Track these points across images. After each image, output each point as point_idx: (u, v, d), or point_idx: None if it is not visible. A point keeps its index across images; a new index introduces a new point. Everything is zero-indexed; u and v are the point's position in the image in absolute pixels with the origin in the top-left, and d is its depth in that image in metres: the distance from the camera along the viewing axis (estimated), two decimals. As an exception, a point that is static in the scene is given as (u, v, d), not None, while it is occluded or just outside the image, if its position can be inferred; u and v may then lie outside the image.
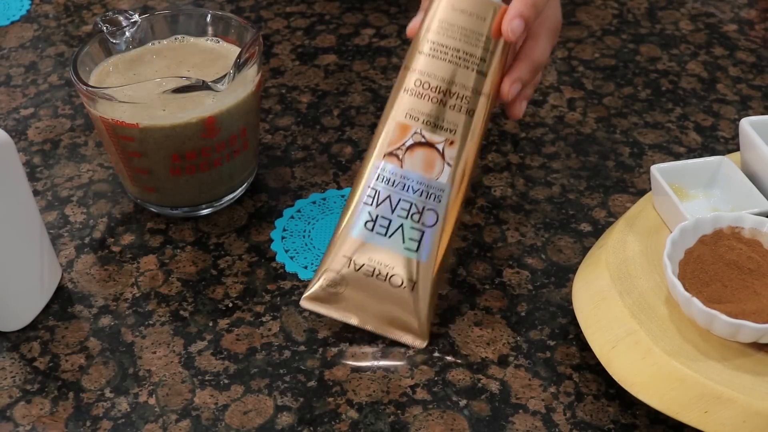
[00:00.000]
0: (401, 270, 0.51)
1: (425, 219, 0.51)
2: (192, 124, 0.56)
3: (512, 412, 0.50)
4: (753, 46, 0.80)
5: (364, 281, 0.52)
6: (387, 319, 0.52)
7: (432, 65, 0.51)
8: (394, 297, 0.52)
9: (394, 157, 0.51)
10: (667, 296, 0.49)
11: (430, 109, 0.51)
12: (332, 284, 0.52)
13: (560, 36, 0.81)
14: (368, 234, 0.51)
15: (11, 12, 0.86)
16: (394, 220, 0.51)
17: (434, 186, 0.51)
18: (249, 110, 0.59)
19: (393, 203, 0.51)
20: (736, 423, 0.44)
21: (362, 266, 0.52)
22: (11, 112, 0.73)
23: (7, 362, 0.53)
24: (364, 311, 0.52)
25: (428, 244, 0.51)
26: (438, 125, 0.51)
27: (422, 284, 0.51)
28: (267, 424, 0.49)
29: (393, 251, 0.51)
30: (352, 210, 0.52)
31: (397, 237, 0.51)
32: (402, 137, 0.51)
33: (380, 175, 0.51)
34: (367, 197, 0.52)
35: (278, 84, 0.75)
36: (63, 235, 0.61)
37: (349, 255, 0.52)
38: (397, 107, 0.51)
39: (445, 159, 0.51)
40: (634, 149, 0.68)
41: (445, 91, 0.51)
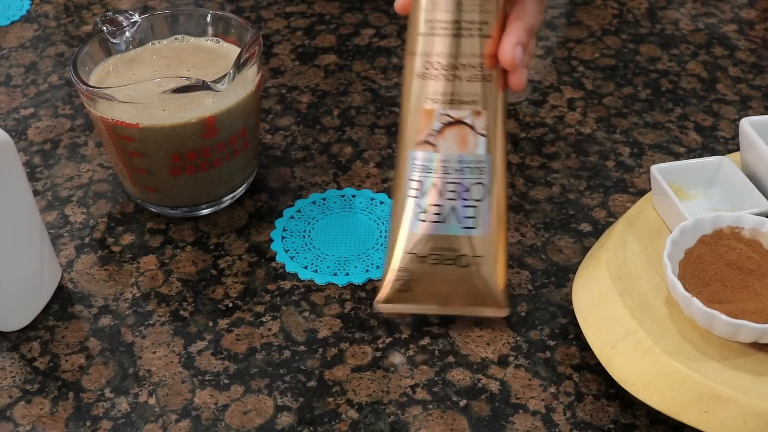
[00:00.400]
0: (465, 249, 0.51)
1: (475, 194, 0.51)
2: (192, 124, 0.56)
3: (512, 412, 0.50)
4: (753, 46, 0.80)
5: (433, 270, 0.51)
6: (464, 299, 0.52)
7: (433, 44, 0.50)
8: (466, 277, 0.51)
9: (426, 144, 0.50)
10: (667, 296, 0.49)
11: (446, 87, 0.50)
12: (402, 282, 0.52)
13: (560, 36, 0.81)
14: (424, 225, 0.51)
15: (11, 12, 0.86)
16: (445, 204, 0.51)
17: (474, 160, 0.50)
18: (249, 110, 0.59)
19: (439, 189, 0.50)
20: (736, 423, 0.44)
21: (427, 257, 0.51)
22: (11, 112, 0.73)
23: (7, 362, 0.53)
24: (440, 298, 0.52)
25: (485, 217, 0.51)
26: (460, 100, 0.50)
27: (489, 256, 0.51)
28: (267, 424, 0.49)
29: (452, 234, 0.51)
30: (401, 206, 0.51)
31: (452, 219, 0.51)
32: (429, 122, 0.50)
33: (418, 165, 0.51)
34: (412, 190, 0.51)
35: (278, 84, 0.75)
36: (63, 235, 0.61)
37: (410, 250, 0.51)
38: (415, 94, 0.51)
39: (477, 130, 0.50)
40: (634, 149, 0.68)
41: (455, 65, 0.50)
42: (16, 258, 0.53)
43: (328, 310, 0.56)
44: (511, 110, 0.72)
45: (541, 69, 0.77)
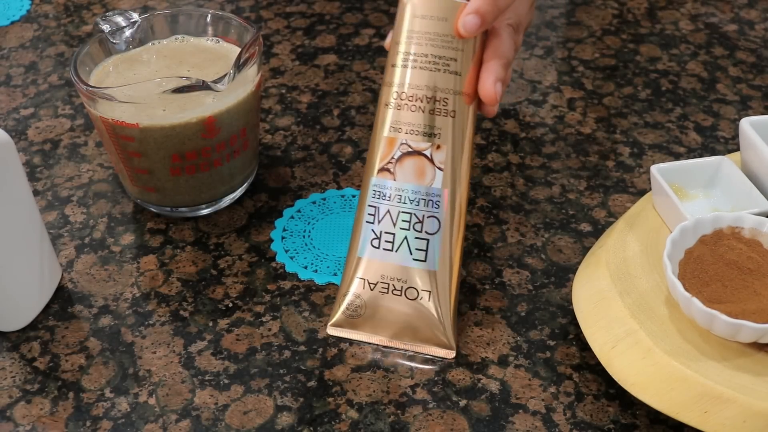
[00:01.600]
0: (415, 282, 0.51)
1: (427, 227, 0.51)
2: (192, 124, 0.56)
3: (512, 412, 0.50)
4: (753, 46, 0.80)
5: (382, 299, 0.52)
6: (412, 333, 0.52)
7: (405, 76, 0.51)
8: (414, 310, 0.51)
9: (386, 171, 0.51)
10: (667, 296, 0.49)
11: (412, 118, 0.51)
12: (352, 308, 0.52)
13: (560, 36, 0.81)
14: (376, 251, 0.51)
15: (11, 12, 0.86)
16: (398, 233, 0.51)
17: (430, 193, 0.51)
18: (249, 110, 0.59)
19: (393, 217, 0.51)
20: (736, 423, 0.44)
21: (376, 284, 0.52)
22: (11, 112, 0.73)
23: (7, 362, 0.53)
24: (388, 329, 0.52)
25: (436, 251, 0.51)
26: (423, 132, 0.51)
27: (439, 292, 0.51)
28: (267, 424, 0.49)
29: (403, 264, 0.51)
30: (358, 230, 0.52)
31: (403, 250, 0.51)
32: (390, 151, 0.51)
33: (376, 192, 0.52)
34: (369, 215, 0.52)
35: (278, 84, 0.75)
36: (63, 235, 0.61)
37: (362, 276, 0.52)
38: (382, 123, 0.52)
39: (435, 164, 0.51)
40: (634, 149, 0.68)
41: (422, 97, 0.51)
42: (16, 258, 0.53)
43: (328, 310, 0.56)
44: (510, 110, 0.72)
45: (541, 69, 0.77)
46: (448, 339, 0.52)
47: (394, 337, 0.52)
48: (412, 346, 0.52)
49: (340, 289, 0.53)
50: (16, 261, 0.53)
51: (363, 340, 0.53)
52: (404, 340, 0.52)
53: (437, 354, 0.52)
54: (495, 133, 0.70)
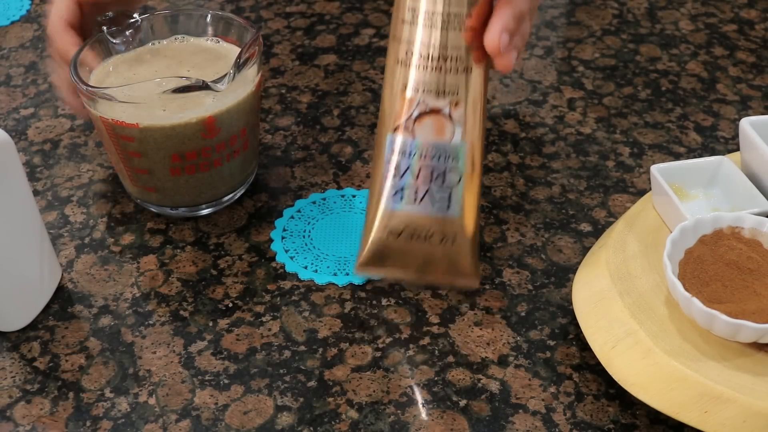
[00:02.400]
0: (439, 229, 0.52)
1: (449, 180, 0.52)
2: (192, 124, 0.56)
3: (512, 412, 0.50)
4: (753, 46, 0.80)
5: (407, 245, 0.53)
6: (436, 269, 0.54)
7: (418, 34, 0.51)
8: (438, 252, 0.53)
9: (404, 129, 0.52)
10: (667, 296, 0.49)
11: (427, 77, 0.51)
12: (377, 253, 0.53)
13: (560, 36, 0.81)
14: (399, 204, 0.52)
15: (11, 12, 0.86)
16: (420, 187, 0.52)
17: (450, 148, 0.52)
18: (249, 110, 0.59)
19: (414, 172, 0.52)
20: (736, 423, 0.44)
21: (401, 232, 0.53)
22: (11, 112, 0.73)
23: (7, 362, 0.53)
24: (413, 267, 0.54)
25: (457, 201, 0.52)
26: (439, 91, 0.51)
27: (460, 236, 0.53)
28: (267, 424, 0.49)
29: (426, 214, 0.52)
30: (379, 185, 0.53)
31: (426, 201, 0.52)
32: (408, 109, 0.51)
33: (394, 149, 0.52)
34: (389, 171, 0.52)
35: (278, 84, 0.75)
36: (63, 235, 0.61)
37: (386, 225, 0.53)
38: (396, 80, 0.52)
39: (454, 120, 0.51)
40: (634, 149, 0.68)
41: (438, 56, 0.51)
42: (16, 258, 0.53)
43: (328, 310, 0.56)
44: (510, 110, 0.72)
45: (541, 69, 0.77)
46: (471, 271, 0.54)
47: (420, 273, 0.54)
48: (440, 278, 0.54)
49: (364, 237, 0.54)
50: (16, 261, 0.53)
51: (389, 277, 0.55)
52: (430, 276, 0.54)
53: (463, 284, 0.55)
54: (495, 133, 0.70)
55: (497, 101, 0.73)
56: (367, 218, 0.54)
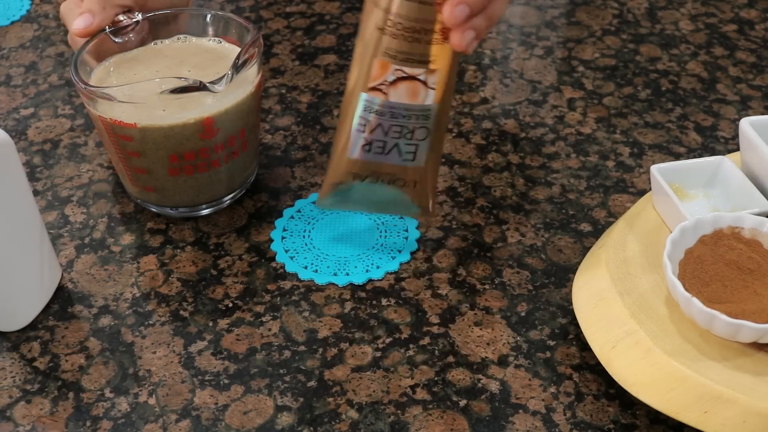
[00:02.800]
0: (402, 174, 0.55)
1: (417, 135, 0.54)
2: (190, 125, 0.56)
3: (512, 412, 0.50)
4: (753, 46, 0.80)
5: (370, 187, 0.56)
6: (395, 206, 0.57)
7: (400, 6, 0.50)
8: (399, 192, 0.56)
9: (378, 91, 0.52)
10: (667, 296, 0.49)
11: (406, 47, 0.51)
12: (341, 190, 0.56)
13: (560, 36, 0.81)
14: (367, 154, 0.54)
15: (11, 12, 0.86)
16: (389, 141, 0.54)
17: (422, 109, 0.53)
18: (248, 111, 0.59)
19: (385, 128, 0.53)
20: (736, 423, 0.44)
21: (366, 177, 0.55)
22: (11, 112, 0.73)
23: (7, 362, 0.53)
24: (373, 204, 0.57)
25: (423, 152, 0.55)
26: (417, 60, 0.51)
27: (422, 180, 0.56)
28: (267, 424, 0.49)
29: (392, 163, 0.55)
30: (348, 136, 0.54)
31: (393, 153, 0.54)
32: (383, 74, 0.52)
33: (368, 107, 0.53)
34: (359, 125, 0.53)
35: (278, 84, 0.75)
36: (63, 235, 0.61)
37: (351, 170, 0.55)
38: (373, 44, 0.52)
39: (428, 85, 0.52)
40: (634, 149, 0.68)
41: (419, 29, 0.51)
42: (16, 258, 0.53)
43: (328, 310, 0.56)
44: (510, 110, 0.72)
45: (541, 69, 0.77)
46: (430, 207, 0.57)
47: (381, 209, 0.58)
48: (395, 212, 0.59)
49: (328, 179, 0.56)
50: (16, 261, 0.53)
51: (349, 209, 0.59)
52: (387, 211, 0.59)
53: (419, 217, 0.60)
54: (495, 133, 0.70)
55: (497, 101, 0.73)
56: (330, 164, 0.56)
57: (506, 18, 0.84)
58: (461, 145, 0.68)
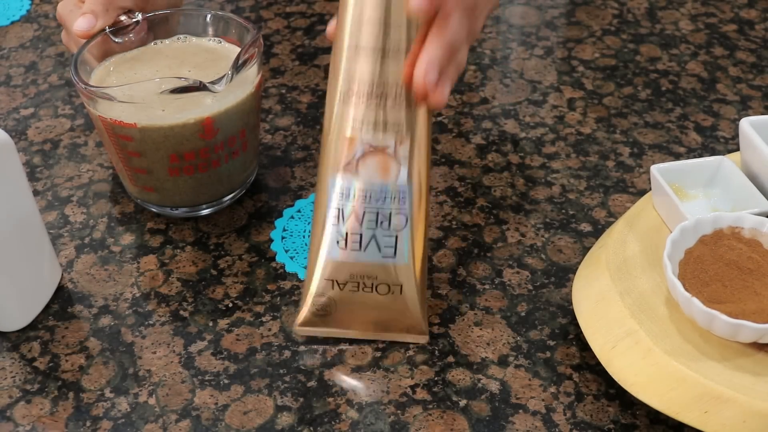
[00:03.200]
0: (385, 278, 0.51)
1: (395, 224, 0.50)
2: (190, 125, 0.56)
3: (512, 412, 0.50)
4: (753, 46, 0.80)
5: (352, 297, 0.51)
6: (384, 324, 0.52)
7: (356, 69, 0.49)
8: (385, 304, 0.51)
9: (347, 170, 0.50)
10: (667, 296, 0.49)
11: (369, 114, 0.49)
12: (321, 308, 0.52)
13: (560, 36, 0.81)
14: (343, 252, 0.50)
15: (11, 12, 0.86)
16: (365, 232, 0.50)
17: (395, 189, 0.50)
18: (248, 111, 0.59)
19: (359, 217, 0.50)
20: (736, 423, 0.44)
21: (345, 284, 0.51)
22: (11, 112, 0.73)
23: (7, 362, 0.53)
24: (359, 323, 0.52)
25: (405, 246, 0.50)
26: (382, 128, 0.49)
27: (407, 285, 0.51)
28: (267, 424, 0.49)
29: (372, 262, 0.50)
30: (322, 232, 0.51)
31: (372, 248, 0.50)
32: (350, 149, 0.49)
33: (338, 192, 0.50)
34: (332, 217, 0.50)
35: (278, 84, 0.75)
36: (63, 235, 0.61)
37: (329, 277, 0.51)
38: (337, 118, 0.50)
39: (399, 159, 0.49)
40: (634, 149, 0.68)
41: (379, 93, 0.49)
42: (16, 258, 0.53)
43: (328, 310, 0.55)
44: (510, 110, 0.72)
45: (541, 69, 0.77)
46: (421, 325, 0.52)
47: (367, 330, 0.52)
48: (386, 336, 0.53)
49: (306, 290, 0.52)
50: (16, 261, 0.53)
51: (334, 335, 0.53)
52: (377, 332, 0.53)
53: (411, 340, 0.53)
54: (495, 133, 0.70)
55: (497, 101, 0.73)
56: (308, 270, 0.52)
57: (506, 18, 0.84)
58: (461, 145, 0.68)
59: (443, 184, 0.65)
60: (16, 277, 0.53)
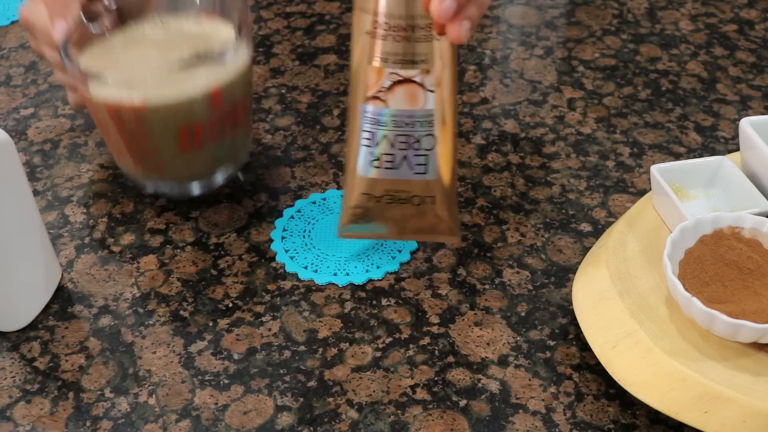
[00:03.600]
0: (418, 191, 0.54)
1: (425, 144, 0.53)
2: (198, 99, 0.56)
3: (512, 412, 0.50)
4: (753, 46, 0.80)
5: (388, 207, 0.55)
6: (418, 229, 0.56)
7: (382, 4, 0.50)
8: (418, 212, 0.55)
9: (376, 99, 0.52)
10: (667, 296, 0.49)
11: (396, 47, 0.51)
12: (359, 217, 0.55)
13: (560, 36, 0.81)
14: (377, 170, 0.53)
15: (11, 12, 0.86)
16: (397, 153, 0.53)
17: (424, 114, 0.52)
18: (249, 77, 0.59)
19: (391, 140, 0.53)
20: (736, 423, 0.44)
21: (382, 197, 0.54)
22: (11, 112, 0.73)
23: (7, 362, 0.53)
24: (396, 228, 0.56)
25: (434, 163, 0.53)
26: (410, 60, 0.51)
27: (440, 196, 0.54)
28: (267, 424, 0.49)
29: (405, 178, 0.54)
30: (356, 152, 0.53)
31: (404, 166, 0.53)
32: (378, 79, 0.52)
33: (369, 118, 0.53)
34: (365, 140, 0.53)
35: (278, 84, 0.75)
36: (63, 235, 0.61)
37: (366, 191, 0.54)
38: (364, 51, 0.51)
39: (426, 87, 0.52)
40: (634, 149, 0.68)
41: (405, 27, 0.50)
42: (16, 258, 0.53)
43: (328, 310, 0.56)
44: (510, 110, 0.72)
45: (541, 69, 0.77)
46: (452, 229, 0.56)
47: (403, 233, 0.56)
48: (421, 236, 0.57)
49: (345, 202, 0.55)
50: (16, 261, 0.53)
51: (373, 238, 0.58)
52: (411, 235, 0.57)
53: (444, 240, 0.57)
54: (495, 133, 0.70)
55: (497, 101, 0.73)
56: (346, 184, 0.55)
57: (506, 18, 0.84)
58: (461, 145, 0.68)
59: (443, 184, 0.65)
60: (16, 277, 0.53)
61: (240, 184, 0.65)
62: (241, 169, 0.65)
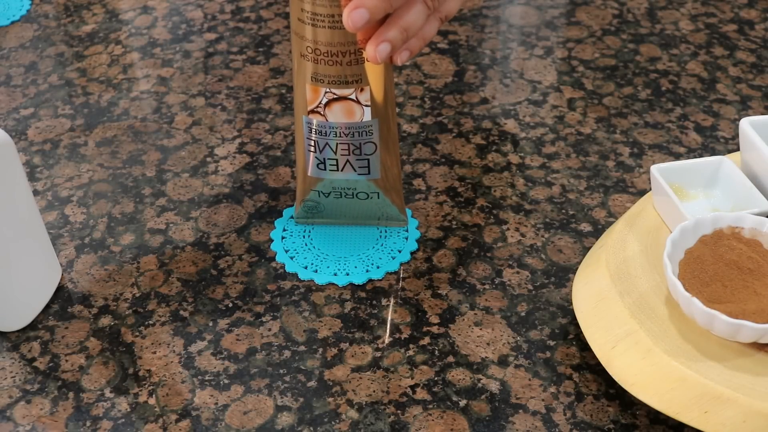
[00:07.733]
0: (363, 188, 0.58)
1: (366, 150, 0.56)
2: None
3: (512, 412, 0.50)
4: (753, 46, 0.80)
5: (336, 201, 0.59)
6: (366, 217, 0.60)
7: (315, 33, 0.52)
8: (365, 205, 0.59)
9: (316, 113, 0.55)
10: (667, 296, 0.49)
11: (329, 70, 0.53)
12: (311, 209, 0.60)
13: (560, 36, 0.81)
14: (324, 172, 0.57)
15: (11, 12, 0.86)
16: (340, 158, 0.56)
17: (362, 125, 0.55)
18: None
19: (332, 148, 0.56)
20: (736, 423, 0.44)
21: (330, 193, 0.58)
22: (11, 112, 0.73)
23: (7, 362, 0.53)
24: (345, 216, 0.60)
25: (377, 164, 0.57)
26: (343, 81, 0.53)
27: (384, 191, 0.58)
28: (267, 424, 0.49)
29: (350, 178, 0.57)
30: (304, 154, 0.57)
31: (348, 169, 0.57)
32: (316, 97, 0.54)
33: (311, 129, 0.55)
34: (309, 146, 0.56)
35: (278, 84, 0.75)
36: (63, 235, 0.61)
37: (315, 188, 0.58)
38: (302, 71, 0.54)
39: (362, 103, 0.54)
40: (634, 149, 0.68)
41: (336, 53, 0.52)
42: (16, 258, 0.53)
43: (328, 310, 0.56)
44: (510, 110, 0.72)
45: (541, 69, 0.77)
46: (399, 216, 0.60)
47: (353, 220, 0.61)
48: (369, 223, 0.61)
49: (297, 197, 0.60)
50: (16, 261, 0.53)
51: (325, 223, 0.61)
52: (362, 221, 0.61)
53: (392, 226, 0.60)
54: (495, 133, 0.70)
55: (497, 101, 0.73)
56: (298, 182, 0.59)
57: (506, 18, 0.84)
58: (461, 145, 0.68)
59: (443, 184, 0.65)
60: (16, 277, 0.53)
61: (240, 184, 0.65)
62: (245, 170, 0.65)
